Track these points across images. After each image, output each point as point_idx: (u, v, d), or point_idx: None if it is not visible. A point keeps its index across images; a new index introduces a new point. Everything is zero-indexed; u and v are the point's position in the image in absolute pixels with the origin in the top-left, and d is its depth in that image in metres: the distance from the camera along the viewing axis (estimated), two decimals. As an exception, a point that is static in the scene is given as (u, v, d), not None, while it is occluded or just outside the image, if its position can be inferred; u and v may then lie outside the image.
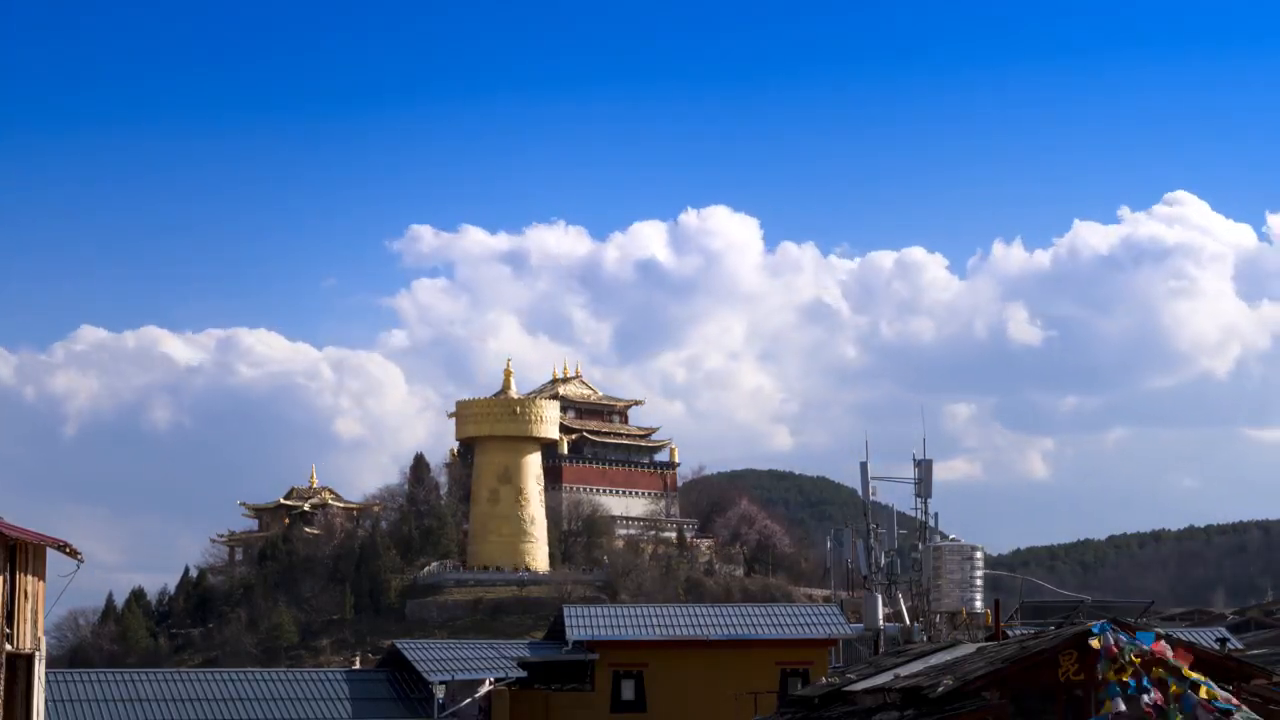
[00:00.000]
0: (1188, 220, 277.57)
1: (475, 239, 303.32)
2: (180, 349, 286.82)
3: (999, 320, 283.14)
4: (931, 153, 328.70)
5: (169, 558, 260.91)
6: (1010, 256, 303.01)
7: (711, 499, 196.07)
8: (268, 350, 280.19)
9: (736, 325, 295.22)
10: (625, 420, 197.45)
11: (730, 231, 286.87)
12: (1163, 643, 27.48)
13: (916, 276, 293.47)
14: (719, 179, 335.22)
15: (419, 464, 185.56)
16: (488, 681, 51.07)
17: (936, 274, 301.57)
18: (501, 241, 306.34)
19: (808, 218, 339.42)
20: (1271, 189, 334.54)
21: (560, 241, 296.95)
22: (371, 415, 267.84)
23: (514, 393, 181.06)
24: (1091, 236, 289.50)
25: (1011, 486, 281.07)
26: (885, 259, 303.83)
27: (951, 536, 50.56)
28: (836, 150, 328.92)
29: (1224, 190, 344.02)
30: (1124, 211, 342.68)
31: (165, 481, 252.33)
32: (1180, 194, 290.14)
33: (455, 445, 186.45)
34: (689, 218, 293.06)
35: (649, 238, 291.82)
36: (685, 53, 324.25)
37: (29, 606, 36.22)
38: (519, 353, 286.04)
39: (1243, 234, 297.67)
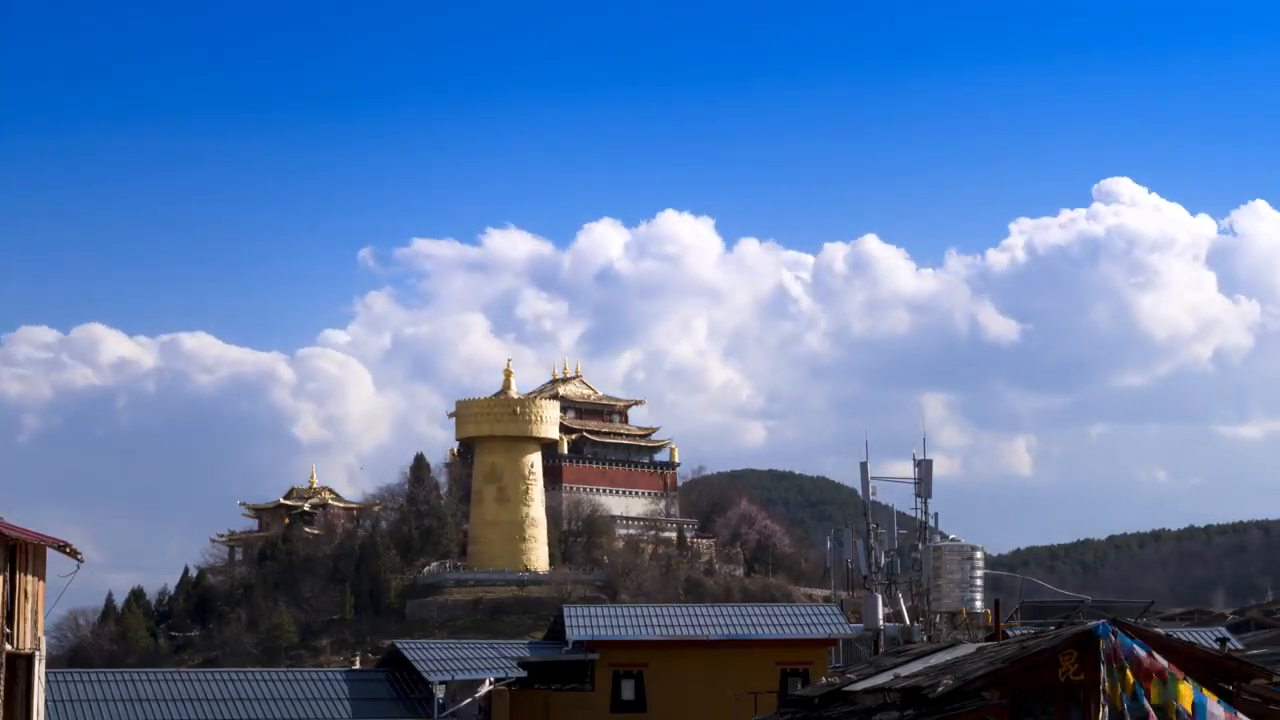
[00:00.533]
0: (1151, 214, 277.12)
1: (433, 246, 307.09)
2: (141, 352, 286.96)
3: (969, 314, 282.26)
4: (903, 151, 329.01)
5: (149, 558, 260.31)
6: (976, 251, 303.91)
7: (711, 499, 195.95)
8: (234, 352, 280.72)
9: (700, 323, 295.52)
10: (625, 420, 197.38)
11: (689, 230, 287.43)
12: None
13: (878, 269, 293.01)
14: (677, 179, 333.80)
15: (419, 464, 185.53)
16: (488, 681, 51.10)
17: (897, 264, 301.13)
18: (463, 247, 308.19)
19: (767, 215, 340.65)
20: (1234, 182, 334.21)
21: (519, 245, 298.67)
22: (336, 418, 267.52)
23: (514, 393, 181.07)
24: (1051, 232, 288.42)
25: (994, 484, 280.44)
26: (841, 251, 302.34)
27: (951, 536, 50.62)
28: (797, 149, 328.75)
29: (1185, 184, 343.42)
30: (1075, 210, 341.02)
31: (144, 483, 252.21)
32: (1140, 188, 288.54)
33: (455, 445, 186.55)
34: (650, 217, 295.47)
35: (610, 238, 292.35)
36: (648, 56, 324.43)
37: (29, 606, 36.23)
38: (489, 356, 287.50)
39: (1205, 226, 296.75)
